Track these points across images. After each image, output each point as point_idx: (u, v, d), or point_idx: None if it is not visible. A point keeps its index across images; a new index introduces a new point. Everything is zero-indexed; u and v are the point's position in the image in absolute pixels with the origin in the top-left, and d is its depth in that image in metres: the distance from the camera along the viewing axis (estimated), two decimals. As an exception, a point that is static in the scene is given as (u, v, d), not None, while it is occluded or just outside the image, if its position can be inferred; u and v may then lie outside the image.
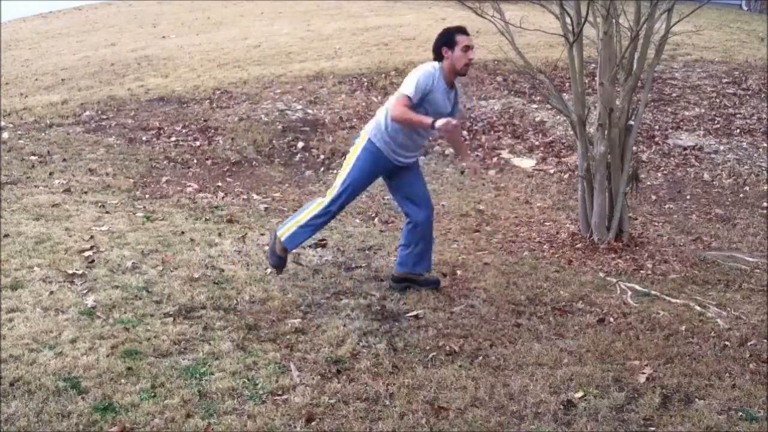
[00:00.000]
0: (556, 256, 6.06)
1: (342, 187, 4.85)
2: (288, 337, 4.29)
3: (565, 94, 8.64)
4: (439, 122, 4.53)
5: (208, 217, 6.43)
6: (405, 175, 5.01)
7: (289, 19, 16.37)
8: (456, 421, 3.53)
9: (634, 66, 6.10)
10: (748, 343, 4.47)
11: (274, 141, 9.01)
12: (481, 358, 4.16)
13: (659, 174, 8.49)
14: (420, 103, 4.72)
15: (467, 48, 4.73)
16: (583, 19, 5.89)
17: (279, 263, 5.02)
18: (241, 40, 14.11)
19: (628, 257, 6.01)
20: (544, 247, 6.27)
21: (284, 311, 4.61)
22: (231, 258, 5.39)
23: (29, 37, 16.64)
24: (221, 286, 4.90)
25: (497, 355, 4.19)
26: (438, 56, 4.80)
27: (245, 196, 7.36)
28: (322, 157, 8.76)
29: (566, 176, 8.35)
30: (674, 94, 10.58)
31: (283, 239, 4.91)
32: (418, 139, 4.90)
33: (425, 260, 5.08)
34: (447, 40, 4.77)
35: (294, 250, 5.64)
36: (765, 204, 7.68)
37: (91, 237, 5.59)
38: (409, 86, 4.69)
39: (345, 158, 4.98)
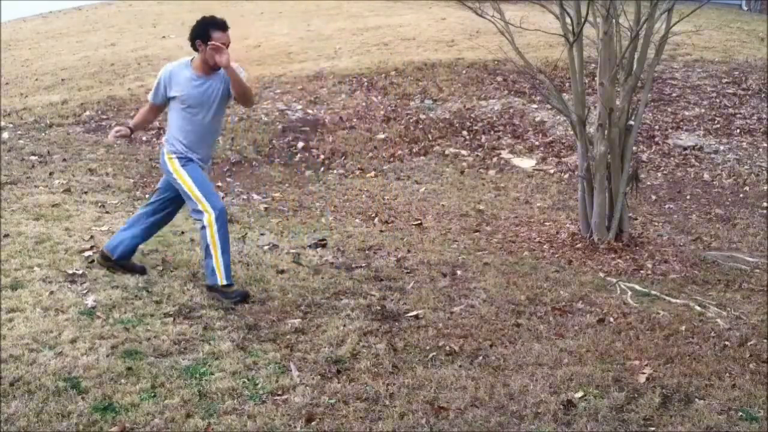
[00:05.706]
0: (556, 256, 6.05)
1: (198, 193, 4.66)
2: (288, 337, 4.28)
3: (565, 94, 8.63)
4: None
5: (208, 217, 6.41)
6: None
7: (289, 19, 16.34)
8: (456, 421, 3.53)
9: (634, 66, 6.10)
10: (748, 343, 4.47)
11: (274, 141, 9.01)
12: (481, 358, 4.15)
13: (659, 174, 8.49)
14: (172, 98, 4.66)
15: (217, 49, 4.49)
16: (583, 19, 5.89)
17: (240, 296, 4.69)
18: (241, 40, 14.08)
19: (628, 257, 6.01)
20: (544, 247, 6.26)
21: (284, 311, 4.61)
22: (231, 258, 5.38)
23: (29, 37, 16.62)
24: (221, 286, 4.89)
25: (497, 355, 4.19)
26: (194, 47, 4.62)
27: (245, 196, 7.36)
28: (322, 157, 8.76)
29: (566, 176, 8.35)
30: (674, 94, 10.58)
31: (224, 281, 4.65)
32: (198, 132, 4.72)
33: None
34: (202, 33, 4.56)
35: (293, 251, 5.65)
36: (765, 204, 7.68)
37: (91, 237, 5.59)
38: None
39: (178, 181, 4.73)
